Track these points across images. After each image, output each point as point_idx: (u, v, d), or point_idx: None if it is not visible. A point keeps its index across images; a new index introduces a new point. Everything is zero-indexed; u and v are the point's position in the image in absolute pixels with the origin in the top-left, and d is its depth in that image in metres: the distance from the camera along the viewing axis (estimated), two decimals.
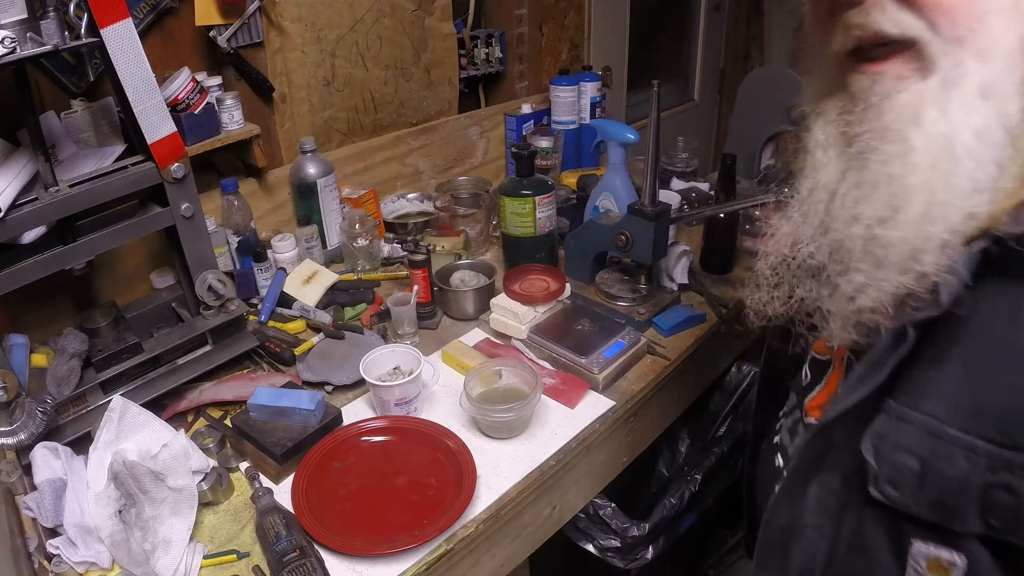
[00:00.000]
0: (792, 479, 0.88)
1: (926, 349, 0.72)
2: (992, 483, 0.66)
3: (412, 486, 1.34)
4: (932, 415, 0.70)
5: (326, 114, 2.18)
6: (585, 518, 1.64)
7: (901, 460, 0.72)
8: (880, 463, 0.74)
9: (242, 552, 1.23)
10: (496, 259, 2.11)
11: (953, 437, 0.68)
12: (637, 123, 2.59)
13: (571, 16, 2.86)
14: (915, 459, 0.71)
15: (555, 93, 2.66)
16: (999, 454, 0.66)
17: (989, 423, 0.66)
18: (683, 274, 1.87)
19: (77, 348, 1.43)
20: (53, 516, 1.24)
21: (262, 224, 2.08)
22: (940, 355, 0.71)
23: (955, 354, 0.70)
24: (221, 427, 1.50)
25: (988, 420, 0.67)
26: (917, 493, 0.72)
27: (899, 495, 0.73)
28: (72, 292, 1.75)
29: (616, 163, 1.99)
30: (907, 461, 0.72)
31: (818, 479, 0.84)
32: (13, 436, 1.29)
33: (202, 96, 1.79)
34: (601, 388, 1.57)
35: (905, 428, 0.72)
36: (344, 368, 1.63)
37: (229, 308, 1.60)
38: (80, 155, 1.62)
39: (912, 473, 0.71)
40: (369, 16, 2.17)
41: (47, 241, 1.38)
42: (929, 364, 0.71)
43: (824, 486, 0.84)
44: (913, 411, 0.72)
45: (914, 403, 0.72)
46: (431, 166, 2.53)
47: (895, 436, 0.73)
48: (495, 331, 1.76)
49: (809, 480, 0.85)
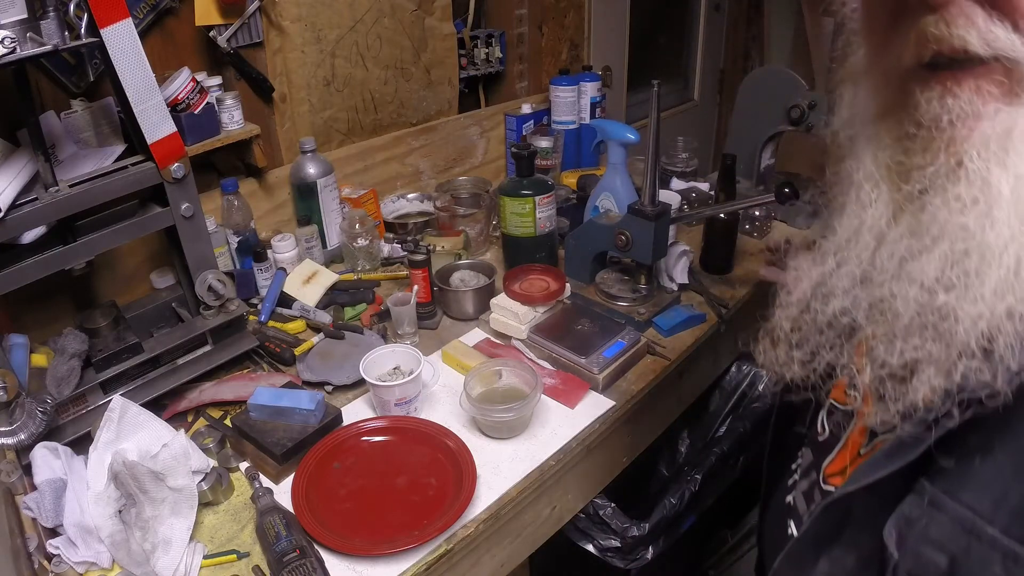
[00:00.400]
0: (801, 546, 0.79)
1: (972, 432, 0.61)
2: None
3: (412, 486, 1.34)
4: (972, 508, 0.60)
5: (326, 114, 2.18)
6: (585, 518, 1.64)
7: (928, 555, 0.63)
8: (903, 554, 0.65)
9: (242, 552, 1.23)
10: (496, 259, 2.11)
11: (992, 538, 0.58)
12: (637, 123, 2.59)
13: (571, 16, 2.86)
14: (944, 556, 0.61)
15: (555, 93, 2.66)
16: None
17: None
18: (683, 274, 1.87)
19: (77, 348, 1.43)
20: (53, 516, 1.24)
21: (262, 224, 2.08)
22: (989, 442, 0.60)
23: (1007, 444, 0.60)
24: (221, 427, 1.50)
25: None
26: None
27: None
28: (72, 292, 1.75)
29: (616, 163, 1.99)
30: (935, 557, 0.62)
31: (830, 554, 0.76)
32: (13, 436, 1.29)
33: (202, 96, 1.79)
34: (601, 388, 1.57)
35: (938, 518, 0.62)
36: (344, 368, 1.63)
37: (229, 308, 1.60)
38: (80, 155, 1.62)
39: (938, 571, 0.62)
40: (369, 16, 2.17)
41: (47, 241, 1.38)
42: (975, 450, 0.61)
43: (836, 563, 0.75)
44: (950, 499, 0.62)
45: (952, 490, 0.62)
46: (431, 166, 2.53)
47: (925, 525, 0.63)
48: (495, 331, 1.76)
49: (820, 553, 0.77)
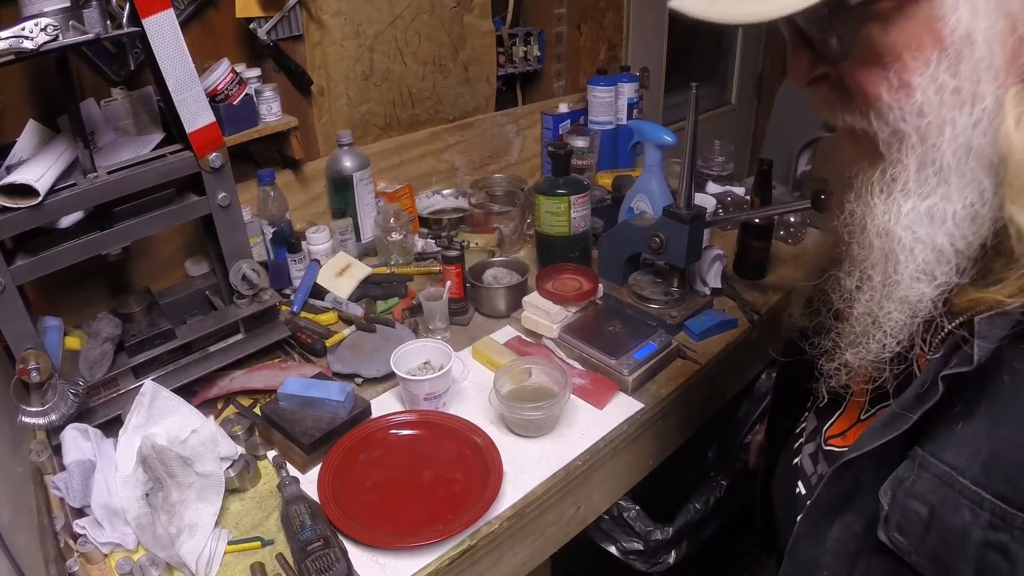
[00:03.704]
0: (816, 514, 0.87)
1: (957, 402, 0.70)
2: (990, 541, 0.66)
3: (438, 481, 1.34)
4: (950, 465, 0.69)
5: (363, 108, 2.19)
6: (609, 520, 1.63)
7: (912, 506, 0.72)
8: (893, 507, 0.74)
9: (266, 539, 1.24)
10: (529, 257, 2.10)
11: (962, 487, 0.67)
12: (674, 125, 2.57)
13: (610, 16, 2.85)
14: (925, 506, 0.71)
15: (592, 93, 2.65)
16: (1002, 510, 0.65)
17: (999, 476, 0.66)
18: (716, 278, 1.86)
19: (110, 332, 1.44)
20: (81, 497, 1.25)
21: (297, 216, 2.09)
22: (970, 409, 0.69)
23: (984, 410, 0.68)
24: (250, 415, 1.51)
25: (999, 473, 0.66)
26: (920, 542, 0.71)
27: (904, 542, 0.73)
28: (107, 277, 1.77)
29: (652, 165, 1.98)
30: (917, 507, 0.71)
31: (842, 519, 0.83)
32: (44, 417, 1.30)
33: (241, 87, 1.80)
34: (630, 390, 1.56)
35: (923, 475, 0.71)
36: (374, 361, 1.63)
37: (262, 298, 1.61)
38: (119, 142, 1.64)
39: (920, 520, 0.71)
40: (408, 12, 2.17)
41: (84, 226, 1.40)
42: (958, 417, 0.70)
43: (847, 527, 0.83)
44: (933, 459, 0.71)
45: (937, 452, 0.71)
46: (467, 163, 2.53)
47: (912, 482, 0.72)
48: (526, 329, 1.75)
49: (834, 518, 0.84)
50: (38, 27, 1.12)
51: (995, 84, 0.65)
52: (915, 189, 0.71)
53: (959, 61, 0.66)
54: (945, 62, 0.66)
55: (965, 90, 0.66)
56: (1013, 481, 0.65)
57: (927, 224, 0.70)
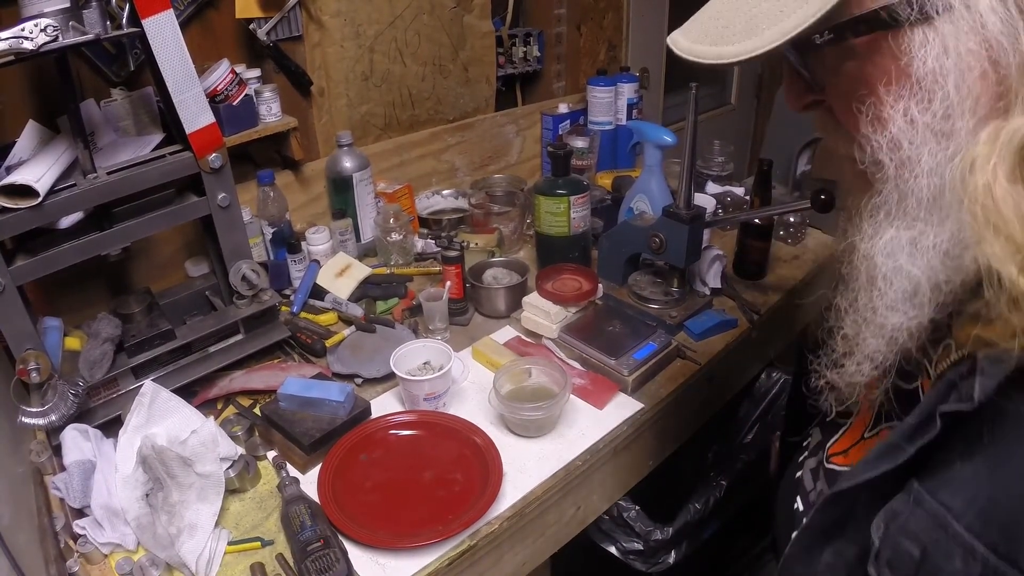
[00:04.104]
0: (808, 538, 0.86)
1: (956, 439, 0.68)
2: None
3: (438, 481, 1.34)
4: (945, 505, 0.67)
5: (363, 109, 2.19)
6: (609, 520, 1.63)
7: (904, 544, 0.70)
8: (884, 542, 0.72)
9: (266, 540, 1.24)
10: (529, 258, 2.10)
11: (956, 533, 0.65)
12: (674, 125, 2.57)
13: (610, 17, 2.85)
14: (917, 547, 0.68)
15: (592, 93, 2.65)
16: (995, 564, 0.62)
17: (995, 527, 0.63)
18: (716, 279, 1.86)
19: (110, 333, 1.44)
20: (81, 497, 1.25)
21: (297, 216, 2.09)
22: (971, 449, 0.67)
23: (984, 453, 0.66)
24: (250, 415, 1.51)
25: (995, 524, 0.63)
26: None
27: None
28: (107, 278, 1.77)
29: (652, 165, 1.98)
30: (909, 547, 0.69)
31: (834, 545, 0.82)
32: (44, 417, 1.30)
33: (240, 88, 1.80)
34: (630, 390, 1.56)
35: (917, 512, 0.69)
36: (374, 361, 1.63)
37: (262, 298, 1.61)
38: (119, 143, 1.64)
39: (911, 560, 0.69)
40: (408, 12, 2.17)
41: (84, 227, 1.40)
42: (957, 455, 0.68)
43: (839, 554, 0.82)
44: (929, 496, 0.69)
45: (933, 489, 0.69)
46: (467, 163, 2.54)
47: (906, 519, 0.70)
48: (526, 329, 1.76)
49: (826, 544, 0.83)
50: (38, 28, 1.12)
51: (972, 119, 0.65)
52: (898, 218, 0.71)
53: (931, 97, 0.66)
54: (916, 97, 0.67)
55: (937, 126, 0.66)
56: (1008, 534, 0.62)
57: (908, 255, 0.70)
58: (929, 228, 0.69)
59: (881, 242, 0.72)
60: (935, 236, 0.68)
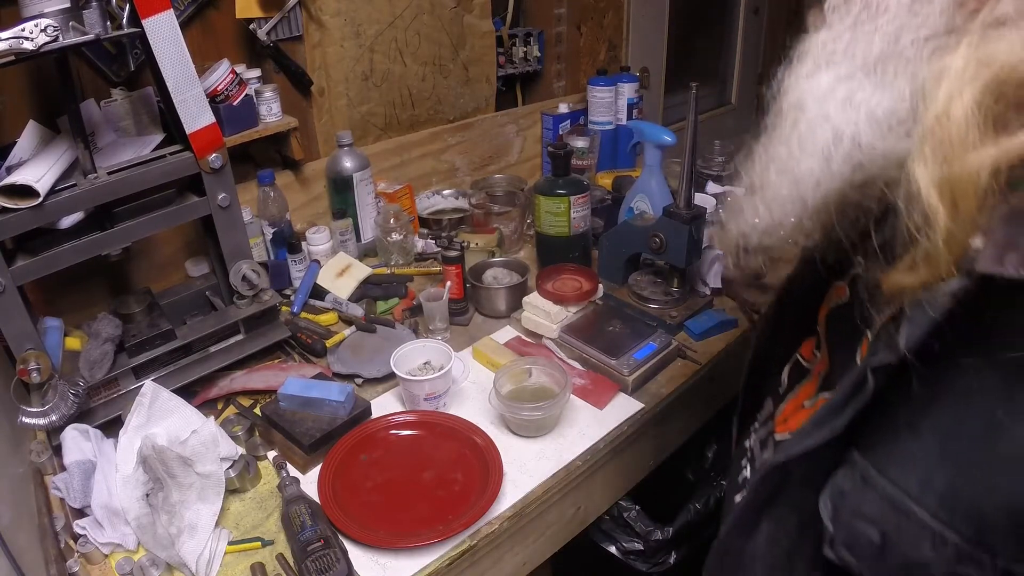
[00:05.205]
0: (749, 509, 0.82)
1: (900, 409, 0.64)
2: (957, 573, 0.59)
3: (438, 481, 1.34)
4: (899, 486, 0.63)
5: (363, 109, 2.19)
6: (609, 520, 1.63)
7: (860, 528, 0.66)
8: (837, 526, 0.68)
9: (267, 540, 1.24)
10: (529, 258, 2.11)
11: (921, 520, 0.60)
12: (674, 125, 2.57)
13: (610, 16, 2.85)
14: (876, 531, 0.64)
15: (592, 93, 2.66)
16: (969, 551, 0.58)
17: (963, 517, 0.59)
18: (716, 278, 1.86)
19: (111, 333, 1.45)
20: (81, 497, 1.25)
21: (297, 216, 2.09)
22: (915, 421, 0.63)
23: (932, 423, 0.62)
24: (250, 415, 1.51)
25: (962, 514, 0.59)
26: (874, 566, 0.66)
27: (855, 562, 0.67)
28: (107, 278, 1.77)
29: (652, 165, 1.98)
30: (867, 531, 0.65)
31: (772, 515, 0.79)
32: (45, 417, 1.31)
33: (241, 88, 1.80)
34: (630, 390, 1.56)
35: (869, 494, 0.65)
36: (375, 361, 1.63)
37: (262, 298, 1.61)
38: (119, 143, 1.64)
39: (871, 544, 0.65)
40: (408, 12, 2.17)
41: (84, 227, 1.40)
42: (902, 427, 0.64)
43: (779, 521, 0.79)
44: (880, 476, 0.64)
45: (881, 465, 0.65)
46: (467, 163, 2.54)
47: (857, 501, 0.66)
48: (526, 329, 1.76)
49: (765, 515, 0.80)
50: (38, 28, 1.12)
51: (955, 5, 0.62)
52: (841, 64, 0.69)
53: None
54: None
55: None
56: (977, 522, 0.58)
57: (839, 106, 0.68)
58: (868, 85, 0.66)
59: (815, 86, 0.70)
60: (871, 96, 0.66)
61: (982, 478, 0.58)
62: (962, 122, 0.57)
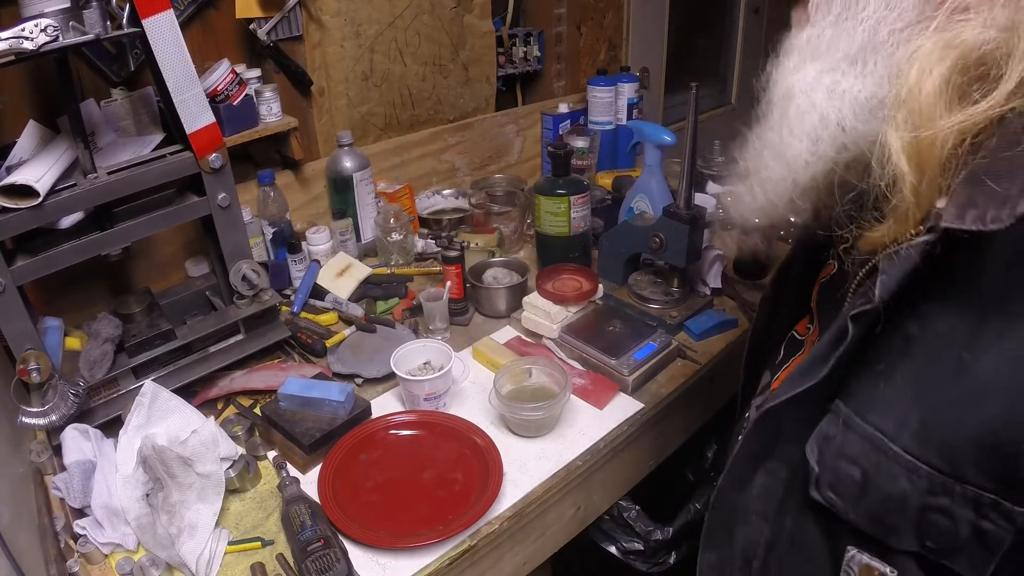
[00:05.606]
0: (741, 460, 0.88)
1: (878, 358, 0.71)
2: (931, 506, 0.65)
3: (438, 481, 1.34)
4: (878, 428, 0.69)
5: (364, 109, 2.19)
6: (609, 520, 1.63)
7: (843, 468, 0.71)
8: (822, 468, 0.73)
9: (267, 540, 1.24)
10: (529, 258, 2.10)
11: (895, 455, 0.67)
12: (674, 125, 2.57)
13: (610, 16, 2.85)
14: (858, 470, 0.70)
15: (592, 93, 2.65)
16: (941, 481, 0.64)
17: (934, 450, 0.65)
18: (716, 278, 1.86)
19: (111, 333, 1.45)
20: (81, 497, 1.25)
21: (297, 216, 2.09)
22: (891, 367, 0.69)
23: (906, 369, 0.68)
24: (250, 415, 1.51)
25: (933, 446, 0.65)
26: (857, 503, 0.71)
27: (839, 502, 0.73)
28: (107, 278, 1.77)
29: (652, 165, 1.98)
30: (849, 470, 0.71)
31: (765, 466, 0.84)
32: (45, 417, 1.30)
33: (241, 88, 1.80)
34: (630, 390, 1.56)
35: (851, 436, 0.71)
36: (375, 361, 1.63)
37: (262, 298, 1.61)
38: (119, 143, 1.64)
39: (854, 483, 0.71)
40: (408, 12, 2.17)
41: (84, 227, 1.40)
42: (880, 374, 0.70)
43: (771, 473, 0.84)
44: (860, 420, 0.70)
45: (862, 411, 0.71)
46: (467, 163, 2.54)
47: (840, 443, 0.72)
48: (526, 329, 1.76)
49: (757, 465, 0.85)
50: (38, 28, 1.12)
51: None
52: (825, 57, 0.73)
53: None
54: None
55: None
56: (947, 455, 0.64)
57: (824, 95, 0.73)
58: (850, 75, 0.71)
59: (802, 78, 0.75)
60: (853, 85, 0.71)
61: (950, 414, 0.64)
62: (931, 95, 0.63)
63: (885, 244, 0.69)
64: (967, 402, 0.63)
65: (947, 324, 0.66)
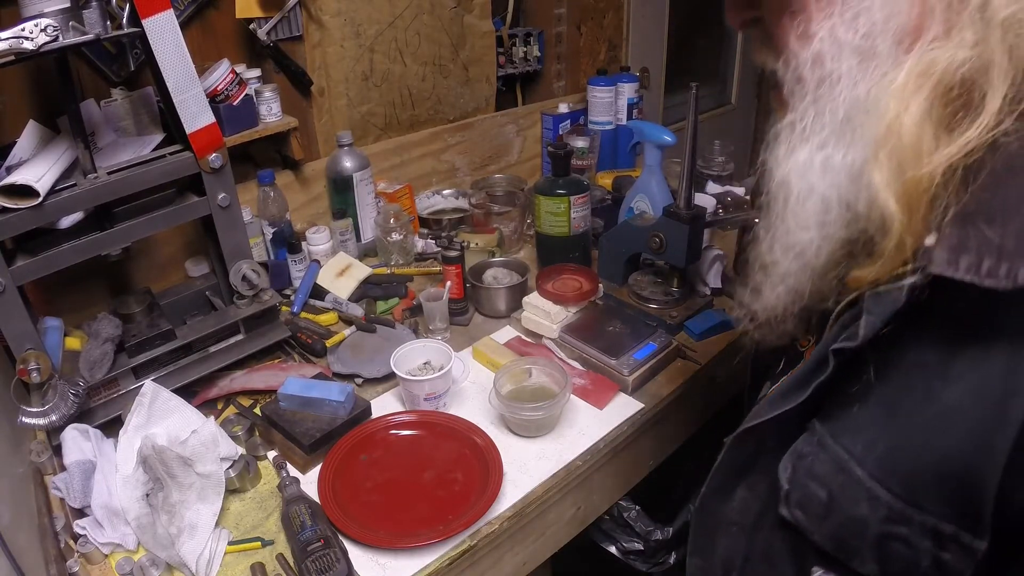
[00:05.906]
0: (722, 474, 0.90)
1: (853, 382, 0.71)
2: (890, 533, 0.66)
3: (438, 481, 1.34)
4: (847, 450, 0.70)
5: (364, 109, 2.19)
6: (609, 520, 1.63)
7: (812, 488, 0.72)
8: (793, 485, 0.75)
9: (267, 540, 1.24)
10: (529, 258, 2.10)
11: (859, 479, 0.68)
12: (674, 125, 2.58)
13: (610, 16, 2.85)
14: (824, 490, 0.71)
15: (592, 93, 2.65)
16: (900, 508, 0.65)
17: (895, 477, 0.66)
18: (716, 279, 1.86)
19: (111, 333, 1.44)
20: (81, 497, 1.25)
21: (297, 216, 2.09)
22: (867, 392, 0.70)
23: (880, 395, 0.69)
24: (250, 415, 1.51)
25: (896, 473, 0.66)
26: (821, 524, 0.72)
27: (806, 521, 0.74)
28: (107, 278, 1.77)
29: (652, 165, 1.98)
30: (816, 490, 0.72)
31: (747, 480, 0.86)
32: (45, 417, 1.30)
33: (241, 88, 1.80)
34: (630, 390, 1.56)
35: (822, 456, 0.72)
36: (375, 361, 1.63)
37: (262, 298, 1.61)
38: (119, 143, 1.64)
39: (820, 503, 0.72)
40: (408, 12, 2.17)
41: (84, 227, 1.40)
42: (854, 398, 0.71)
43: (751, 488, 0.85)
44: (832, 440, 0.72)
45: (835, 433, 0.72)
46: (467, 163, 2.54)
47: (811, 462, 0.73)
48: (526, 329, 1.76)
49: (739, 480, 0.87)
50: (38, 28, 1.12)
51: (894, 43, 0.65)
52: (812, 136, 0.71)
53: (856, 16, 0.66)
54: (843, 15, 0.67)
55: (859, 44, 0.67)
56: (908, 482, 0.65)
57: (819, 174, 0.71)
58: (841, 146, 0.69)
59: (795, 163, 0.73)
60: (845, 155, 0.69)
61: (916, 440, 0.65)
62: (913, 129, 0.62)
63: (871, 280, 0.69)
64: (932, 429, 0.64)
65: (924, 353, 0.66)
